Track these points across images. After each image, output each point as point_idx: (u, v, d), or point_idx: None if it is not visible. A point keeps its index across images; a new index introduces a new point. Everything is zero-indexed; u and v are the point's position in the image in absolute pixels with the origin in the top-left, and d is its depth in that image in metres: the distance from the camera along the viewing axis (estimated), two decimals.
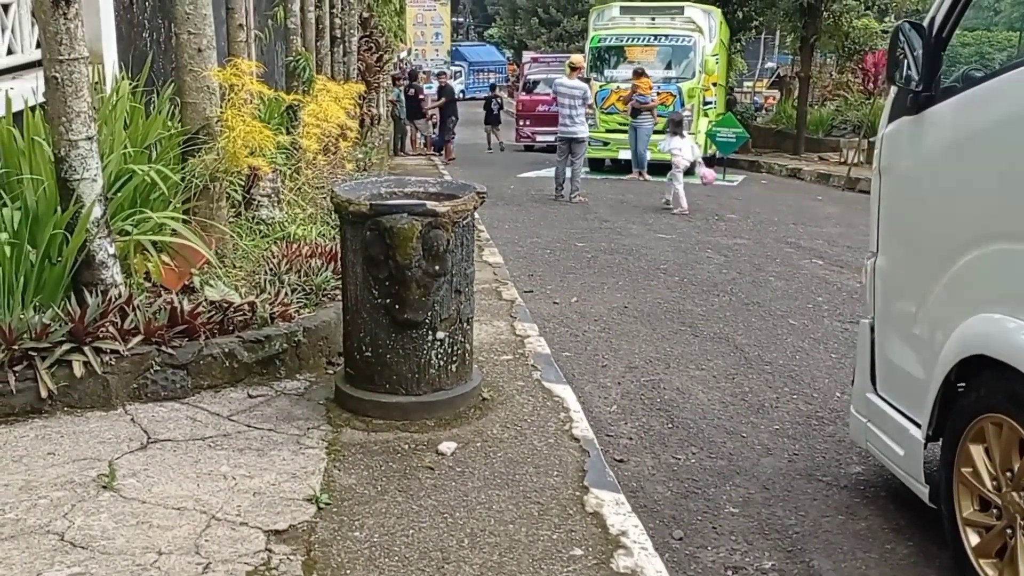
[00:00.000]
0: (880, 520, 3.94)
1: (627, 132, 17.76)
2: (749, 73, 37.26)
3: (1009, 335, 3.05)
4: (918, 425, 3.60)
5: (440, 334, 4.36)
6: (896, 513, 3.99)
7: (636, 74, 17.48)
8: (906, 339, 3.79)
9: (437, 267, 4.27)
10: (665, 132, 15.14)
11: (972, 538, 3.29)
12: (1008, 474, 3.12)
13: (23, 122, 4.90)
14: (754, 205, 14.47)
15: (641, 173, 17.47)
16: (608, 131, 18.79)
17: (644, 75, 17.59)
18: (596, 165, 19.01)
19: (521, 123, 26.66)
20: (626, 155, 17.86)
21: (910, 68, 3.77)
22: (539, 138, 25.38)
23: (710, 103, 19.74)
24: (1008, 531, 3.11)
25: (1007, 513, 3.11)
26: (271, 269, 5.64)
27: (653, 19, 19.59)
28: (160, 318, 4.54)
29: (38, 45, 5.88)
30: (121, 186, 5.18)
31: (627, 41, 19.55)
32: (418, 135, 24.57)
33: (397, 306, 4.28)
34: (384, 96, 21.89)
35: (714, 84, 20.00)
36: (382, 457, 3.94)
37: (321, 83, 10.40)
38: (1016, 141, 3.12)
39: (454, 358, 4.44)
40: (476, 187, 4.57)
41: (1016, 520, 3.07)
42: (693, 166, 14.22)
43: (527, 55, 39.86)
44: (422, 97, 24.16)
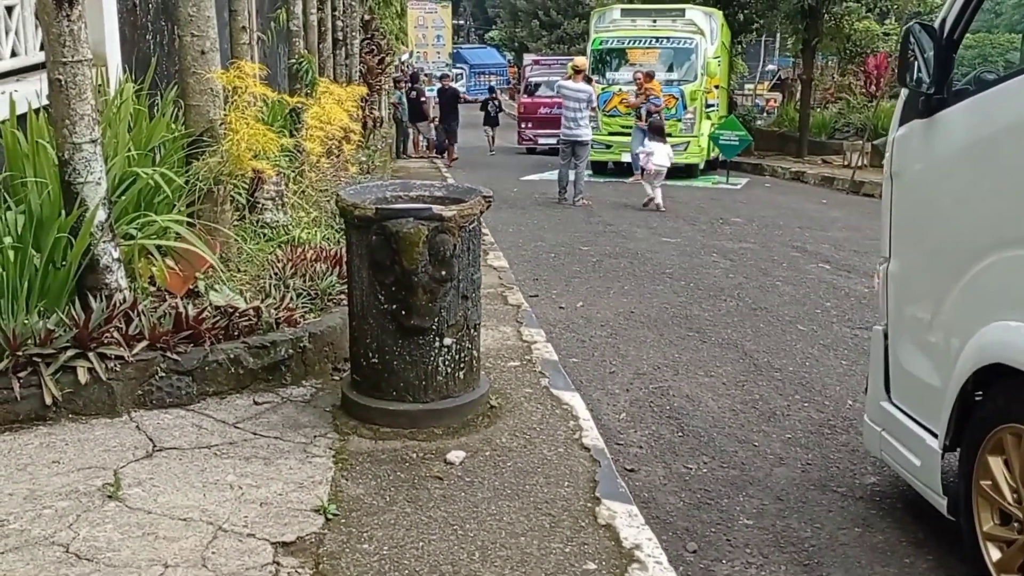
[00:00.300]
0: (898, 533, 3.87)
1: (629, 135, 17.67)
2: (750, 76, 37.22)
3: None
4: (934, 435, 3.53)
5: (447, 340, 4.31)
6: (914, 525, 3.92)
7: (648, 76, 17.40)
8: (921, 346, 3.73)
9: (444, 272, 4.22)
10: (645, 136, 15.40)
11: (993, 553, 3.22)
12: None
13: (27, 125, 4.85)
14: (758, 209, 14.41)
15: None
16: (610, 134, 18.74)
17: (654, 77, 17.56)
18: (599, 168, 18.95)
19: (523, 125, 26.58)
20: (628, 158, 17.75)
21: (920, 70, 3.72)
22: (541, 141, 25.33)
23: (712, 106, 19.68)
24: None
25: None
26: (276, 273, 5.59)
27: (654, 21, 19.54)
28: (165, 323, 4.49)
29: (42, 47, 5.85)
30: (125, 189, 5.13)
31: (628, 44, 19.50)
32: (420, 138, 24.52)
33: (404, 312, 4.22)
34: (386, 99, 21.85)
35: (716, 87, 19.94)
36: (390, 466, 3.88)
37: (324, 85, 10.36)
38: None
39: (461, 365, 4.39)
40: (482, 191, 4.52)
41: None
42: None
43: (528, 57, 39.76)
44: (424, 100, 24.12)
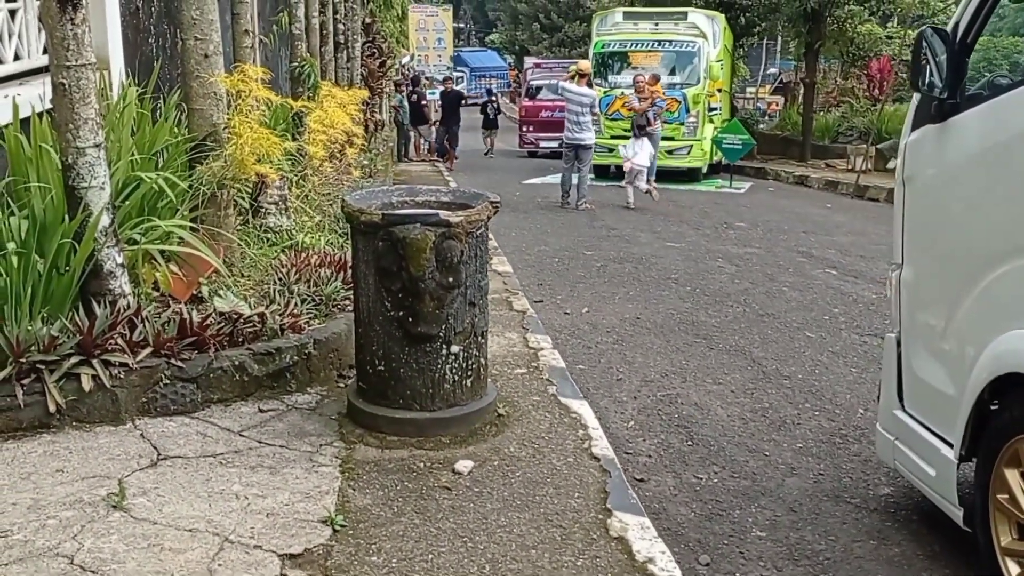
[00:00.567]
0: (914, 546, 3.81)
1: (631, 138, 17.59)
2: (751, 79, 37.17)
3: None
4: (950, 444, 3.48)
5: (455, 348, 4.26)
6: (930, 538, 3.86)
7: (655, 79, 17.34)
8: (935, 354, 3.67)
9: (451, 279, 4.17)
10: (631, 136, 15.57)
11: (1012, 568, 3.15)
12: None
13: (30, 129, 4.80)
14: (763, 213, 14.35)
15: (649, 180, 17.34)
16: (613, 137, 18.65)
17: (659, 80, 17.51)
18: (601, 172, 18.88)
19: (524, 129, 26.51)
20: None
21: (933, 75, 3.67)
22: (542, 144, 25.28)
23: (715, 109, 19.63)
24: None
25: None
26: (280, 279, 5.54)
27: (656, 24, 19.48)
28: (169, 330, 4.44)
29: (45, 51, 5.80)
30: (129, 194, 5.08)
31: (630, 47, 19.44)
32: (421, 141, 24.49)
33: (411, 319, 4.18)
34: (387, 102, 21.81)
35: (719, 90, 19.90)
36: (397, 476, 3.83)
37: (326, 89, 10.32)
38: None
39: (469, 373, 4.34)
40: (489, 196, 4.47)
41: None
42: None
43: (529, 60, 39.76)
44: (425, 103, 24.08)
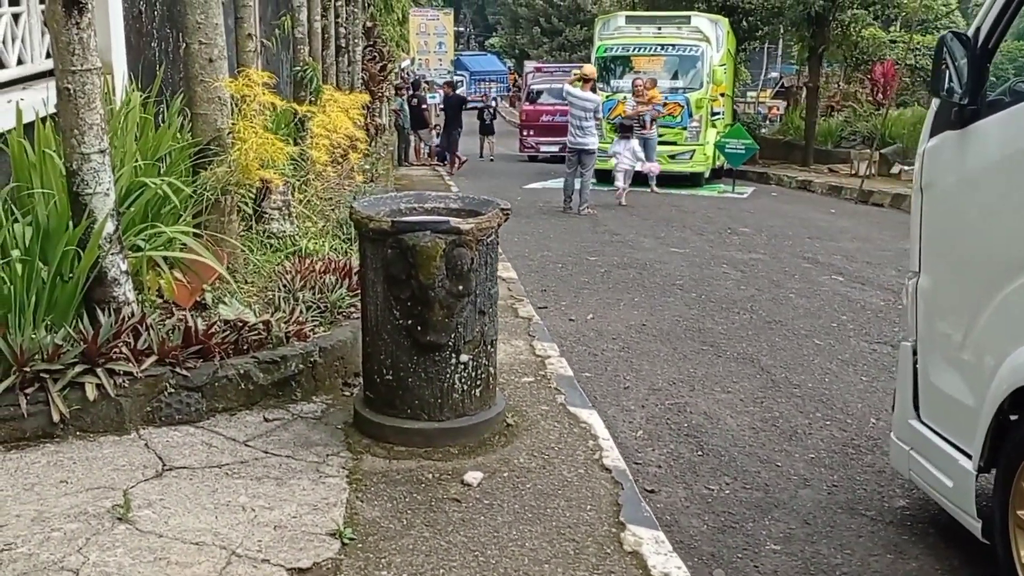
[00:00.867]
0: (932, 560, 3.76)
1: None
2: (752, 83, 37.12)
3: None
4: (968, 455, 3.42)
5: (464, 357, 4.20)
6: (948, 551, 3.81)
7: (652, 83, 17.31)
8: (952, 364, 3.62)
9: (461, 287, 4.11)
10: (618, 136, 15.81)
11: None
12: None
13: (33, 134, 4.74)
14: (766, 218, 14.28)
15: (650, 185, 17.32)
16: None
17: (656, 84, 17.48)
18: (602, 176, 18.83)
19: (524, 133, 26.40)
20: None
21: (952, 80, 3.63)
22: (543, 148, 25.22)
23: (718, 114, 19.56)
24: None
25: None
26: (285, 285, 5.48)
27: (659, 29, 19.42)
28: (174, 338, 4.39)
29: (48, 55, 5.75)
30: (133, 200, 5.03)
31: (633, 51, 19.37)
32: (422, 145, 24.44)
33: (420, 328, 4.12)
34: (387, 106, 21.75)
35: (722, 95, 19.84)
36: (406, 487, 3.77)
37: (328, 93, 10.26)
38: None
39: (478, 382, 4.28)
40: (499, 203, 4.42)
41: None
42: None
43: (530, 65, 39.59)
44: (425, 107, 24.03)
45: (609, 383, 5.94)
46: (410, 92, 23.76)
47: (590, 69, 15.29)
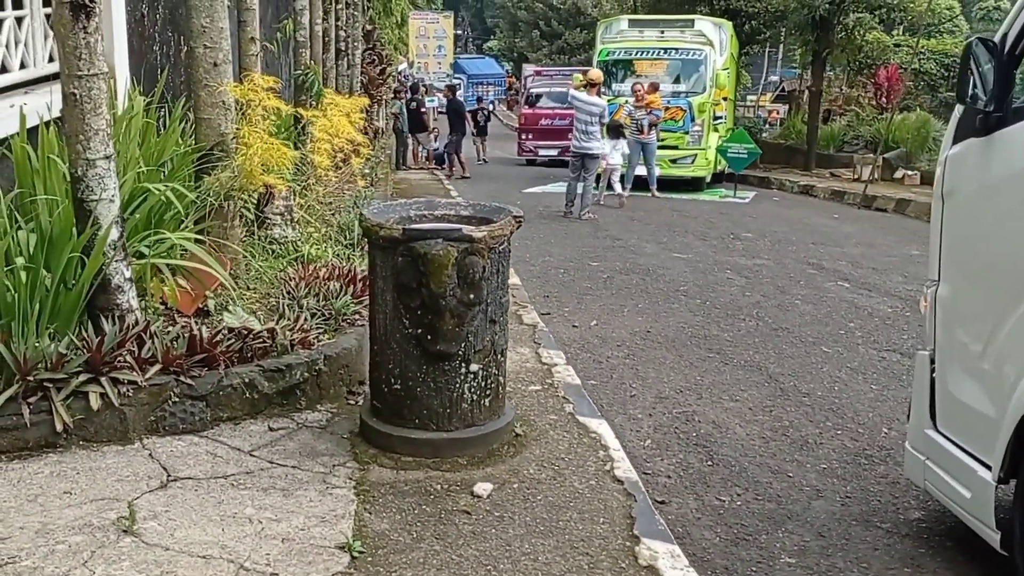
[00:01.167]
0: (949, 573, 3.70)
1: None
2: (753, 87, 37.08)
3: None
4: (987, 466, 3.38)
5: (474, 366, 4.15)
6: (966, 565, 3.75)
7: (653, 87, 17.25)
8: (972, 373, 3.57)
9: (472, 296, 4.06)
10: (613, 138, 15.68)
11: None
12: None
13: (36, 139, 4.68)
14: (769, 223, 14.22)
15: (651, 190, 17.26)
16: None
17: (658, 89, 17.43)
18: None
19: (523, 137, 26.30)
20: (640, 171, 17.43)
21: (977, 86, 3.58)
22: (541, 152, 25.17)
23: (720, 118, 19.48)
24: None
25: None
26: (289, 292, 5.42)
27: (662, 32, 19.36)
28: (179, 346, 4.33)
29: (51, 59, 5.69)
30: (136, 206, 4.97)
31: (636, 55, 19.31)
32: (420, 148, 24.37)
33: (429, 337, 4.06)
34: (386, 109, 21.68)
35: (724, 99, 19.78)
36: (414, 499, 3.71)
37: (329, 97, 10.19)
38: None
39: (487, 392, 4.23)
40: (512, 210, 4.38)
41: None
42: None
43: (529, 68, 39.62)
44: (424, 110, 23.96)
45: (615, 391, 5.89)
46: (408, 96, 23.68)
47: (596, 74, 15.21)
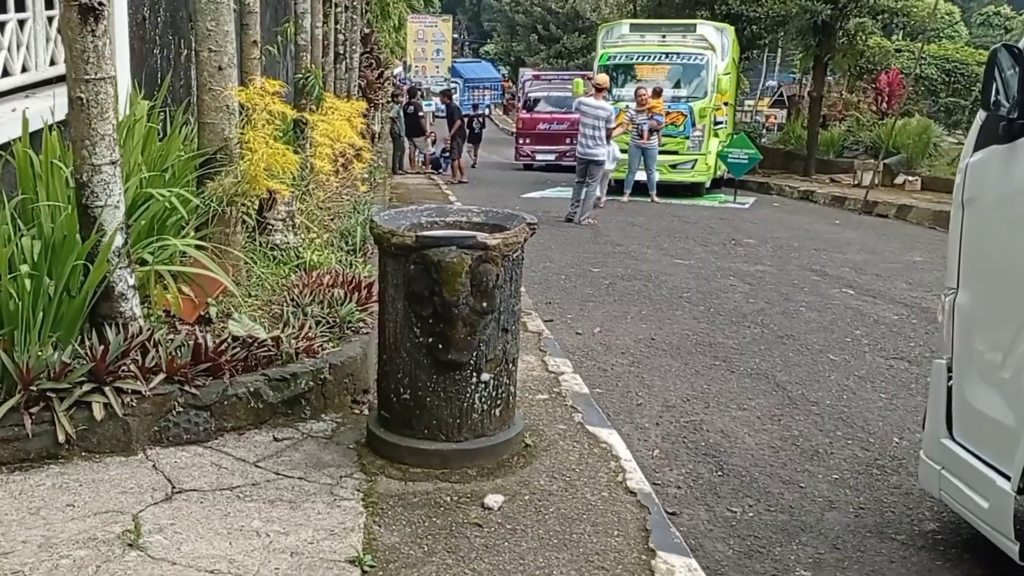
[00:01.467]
0: None
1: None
2: (751, 91, 37.08)
3: None
4: (1005, 476, 3.33)
5: (485, 376, 4.09)
6: None
7: (656, 93, 17.20)
8: (991, 382, 3.52)
9: (485, 304, 4.00)
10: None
11: None
12: None
13: (39, 143, 4.61)
14: (770, 229, 14.18)
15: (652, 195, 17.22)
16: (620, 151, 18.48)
17: (661, 94, 17.39)
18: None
19: (521, 141, 26.27)
20: (640, 176, 17.37)
21: (1000, 93, 3.54)
22: (539, 157, 25.15)
23: (720, 123, 19.45)
24: None
25: None
26: (293, 299, 5.36)
27: (664, 36, 19.33)
28: (183, 355, 4.25)
29: (52, 62, 5.63)
30: (140, 212, 4.90)
31: (637, 59, 19.28)
32: (416, 152, 24.32)
33: (441, 345, 4.00)
34: (383, 113, 21.63)
35: (725, 104, 19.74)
36: (424, 511, 3.65)
37: (329, 100, 10.15)
38: None
39: (498, 401, 4.17)
40: (525, 217, 4.31)
41: None
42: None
43: (527, 72, 39.56)
44: (422, 114, 23.91)
45: (621, 400, 5.83)
46: (406, 100, 23.62)
47: (603, 78, 15.16)
